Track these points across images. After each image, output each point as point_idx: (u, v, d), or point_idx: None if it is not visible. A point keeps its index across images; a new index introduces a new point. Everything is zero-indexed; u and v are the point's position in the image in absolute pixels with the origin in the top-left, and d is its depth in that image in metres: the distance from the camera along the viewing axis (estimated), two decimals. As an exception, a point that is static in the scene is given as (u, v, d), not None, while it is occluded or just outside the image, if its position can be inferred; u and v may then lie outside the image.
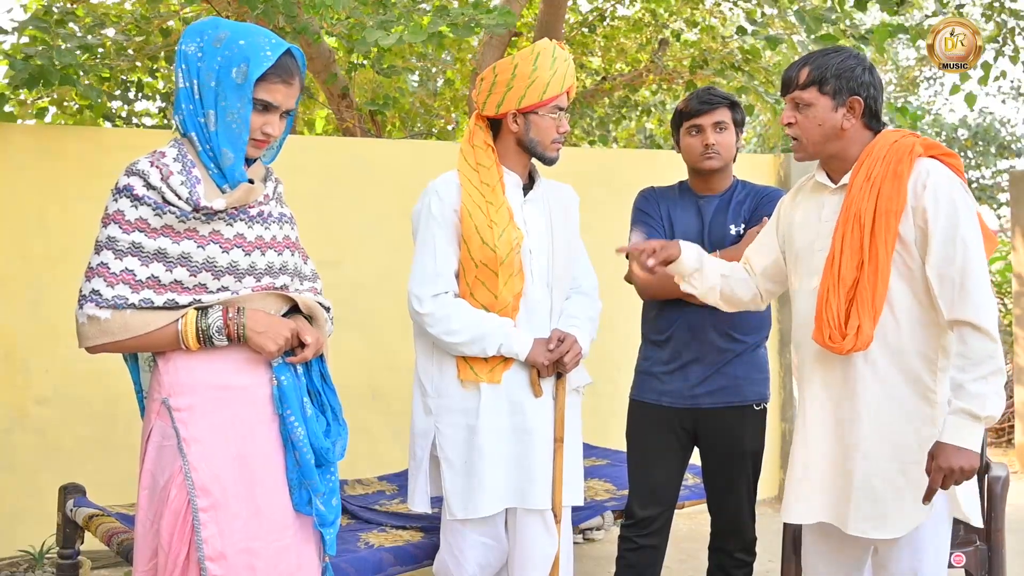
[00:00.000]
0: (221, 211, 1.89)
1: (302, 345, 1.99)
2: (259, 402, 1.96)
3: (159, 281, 1.86)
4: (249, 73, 1.86)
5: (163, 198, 1.85)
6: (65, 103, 6.36)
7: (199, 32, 1.91)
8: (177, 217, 1.86)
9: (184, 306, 1.88)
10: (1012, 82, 15.70)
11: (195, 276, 1.88)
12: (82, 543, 2.96)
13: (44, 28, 4.28)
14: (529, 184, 2.56)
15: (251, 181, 1.96)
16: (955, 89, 6.01)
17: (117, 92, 6.91)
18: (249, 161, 1.99)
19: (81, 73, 4.37)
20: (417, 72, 7.69)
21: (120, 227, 1.84)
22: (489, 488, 2.39)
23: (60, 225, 3.96)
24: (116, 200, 1.86)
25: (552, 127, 2.45)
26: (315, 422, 2.00)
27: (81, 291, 1.86)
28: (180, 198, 1.85)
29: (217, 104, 1.88)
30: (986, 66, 6.03)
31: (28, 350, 3.95)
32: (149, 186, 1.85)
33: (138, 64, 6.53)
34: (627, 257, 2.83)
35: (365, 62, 6.55)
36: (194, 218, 1.87)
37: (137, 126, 7.35)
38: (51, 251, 3.96)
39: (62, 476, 3.34)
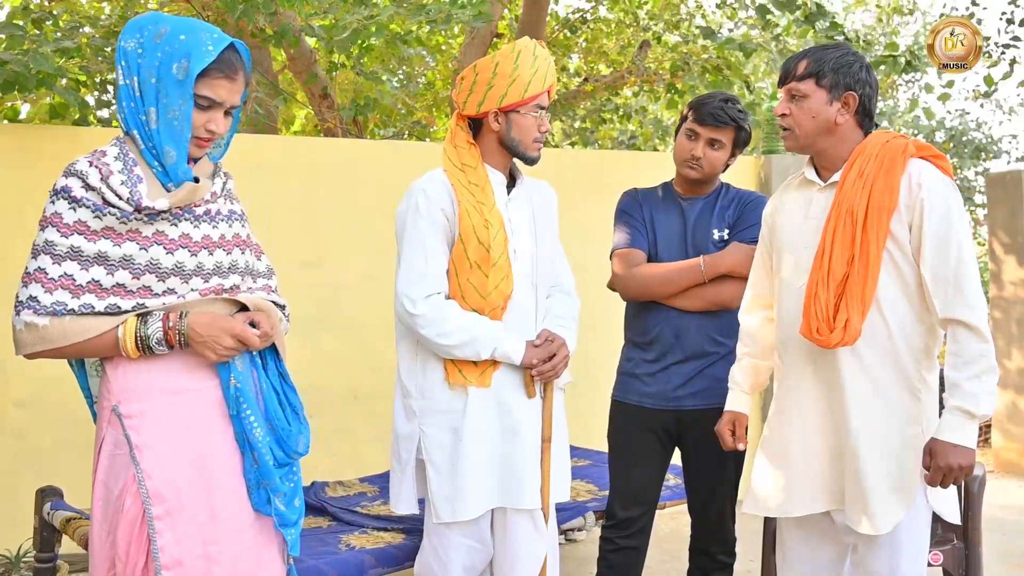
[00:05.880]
0: (164, 211, 1.82)
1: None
2: (213, 403, 1.91)
3: (100, 285, 1.80)
4: (190, 69, 1.79)
5: (103, 199, 1.79)
6: (41, 102, 6.30)
7: (139, 27, 1.84)
8: (118, 218, 1.79)
9: (127, 310, 1.82)
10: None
11: (138, 279, 1.82)
12: (59, 547, 2.93)
13: (20, 35, 4.22)
14: (511, 183, 2.55)
15: (197, 179, 1.90)
16: (944, 97, 6.24)
17: (95, 94, 6.84)
18: (197, 158, 1.93)
19: (59, 77, 4.31)
20: (397, 76, 7.67)
21: (58, 230, 1.79)
22: (475, 490, 2.37)
23: (38, 225, 3.92)
24: (53, 202, 1.80)
25: (533, 126, 2.44)
26: (275, 404, 1.95)
27: (18, 297, 1.81)
28: (121, 198, 1.79)
29: (158, 101, 1.82)
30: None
31: (5, 351, 3.89)
32: (88, 187, 1.78)
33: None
34: (610, 257, 2.84)
35: (346, 63, 6.53)
36: (136, 219, 1.81)
37: (115, 126, 7.29)
38: (28, 252, 3.91)
39: (39, 479, 3.30)
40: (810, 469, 2.25)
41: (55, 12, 5.59)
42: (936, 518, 2.27)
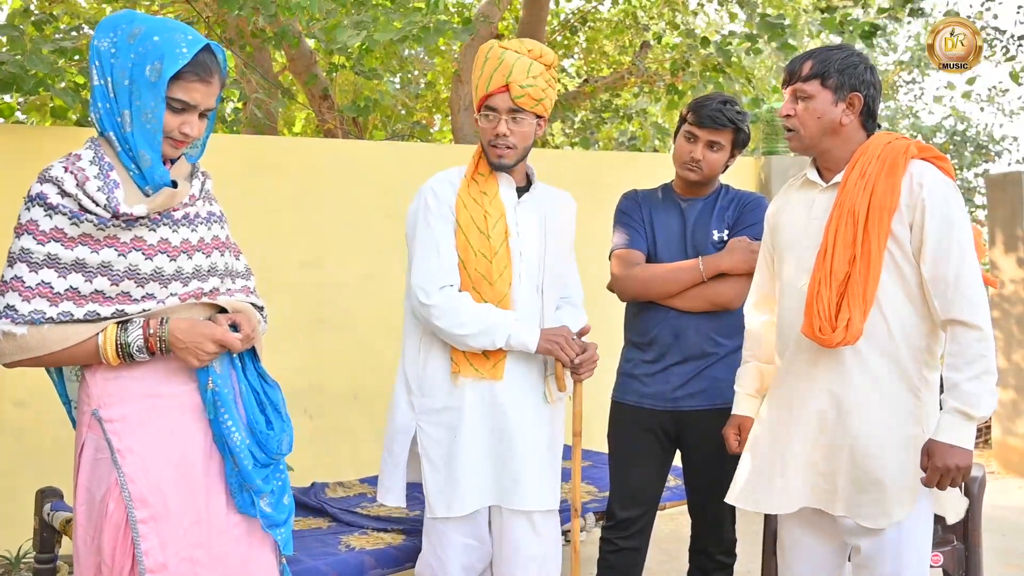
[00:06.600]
0: (143, 217, 1.80)
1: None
2: (193, 408, 1.90)
3: (79, 292, 1.78)
4: (163, 71, 1.76)
5: (79, 205, 1.75)
6: (41, 106, 6.28)
7: (113, 26, 1.81)
8: (95, 225, 1.76)
9: (106, 317, 1.80)
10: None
11: (117, 285, 1.80)
12: (59, 548, 2.93)
13: (16, 36, 4.21)
14: (525, 187, 2.56)
15: (174, 183, 1.87)
16: (938, 99, 6.29)
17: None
18: (173, 159, 1.90)
19: (57, 79, 4.31)
20: (398, 76, 7.67)
21: (34, 238, 1.75)
22: (469, 487, 2.39)
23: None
24: (29, 209, 1.76)
25: (487, 129, 2.44)
26: (253, 407, 1.94)
27: None
28: (98, 205, 1.75)
29: (132, 103, 1.78)
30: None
31: (4, 352, 3.90)
32: (64, 193, 1.75)
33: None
34: (609, 258, 2.84)
35: (346, 64, 6.53)
36: (114, 225, 1.78)
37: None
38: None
39: (39, 479, 3.30)
40: (803, 467, 2.24)
41: (56, 13, 5.59)
42: (937, 518, 2.27)
